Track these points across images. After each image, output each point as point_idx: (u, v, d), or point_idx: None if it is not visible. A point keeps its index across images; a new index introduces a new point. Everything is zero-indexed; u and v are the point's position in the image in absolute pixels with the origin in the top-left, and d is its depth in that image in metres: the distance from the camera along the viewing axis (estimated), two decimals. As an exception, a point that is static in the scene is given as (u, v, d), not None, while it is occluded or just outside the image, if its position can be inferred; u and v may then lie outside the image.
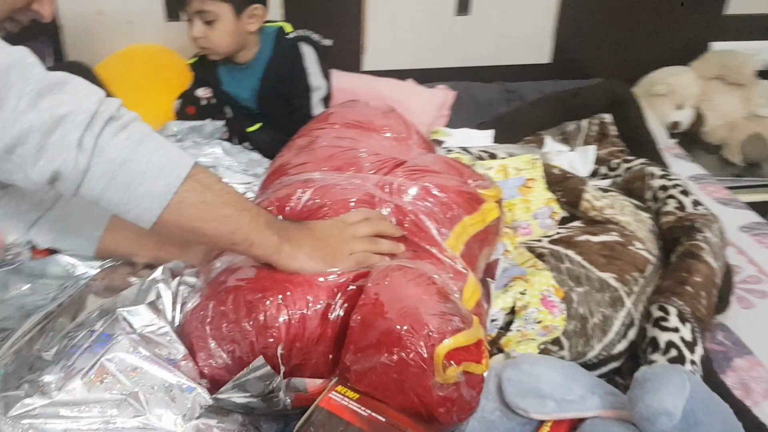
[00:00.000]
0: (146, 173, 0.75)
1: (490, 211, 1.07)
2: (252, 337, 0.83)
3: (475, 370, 0.80)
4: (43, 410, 0.75)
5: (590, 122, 1.86)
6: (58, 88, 0.73)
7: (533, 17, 2.17)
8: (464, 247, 0.99)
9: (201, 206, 0.80)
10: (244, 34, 1.59)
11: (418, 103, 1.91)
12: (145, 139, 0.77)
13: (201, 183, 0.80)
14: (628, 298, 1.15)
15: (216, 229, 0.82)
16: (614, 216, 1.33)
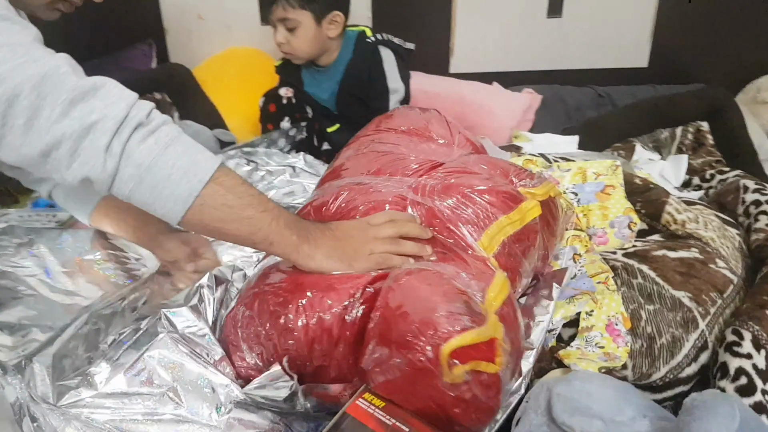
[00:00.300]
0: (171, 177, 0.79)
1: (529, 210, 1.03)
2: (275, 339, 0.86)
3: (486, 368, 0.78)
4: (90, 401, 0.81)
5: (685, 130, 1.77)
6: (90, 95, 0.77)
7: (630, 19, 2.09)
8: (500, 247, 0.97)
9: (222, 208, 0.83)
10: (324, 39, 1.64)
11: (502, 107, 1.89)
12: (172, 143, 0.80)
13: (224, 186, 0.83)
14: (702, 319, 1.09)
15: (237, 229, 0.86)
16: (697, 231, 1.26)
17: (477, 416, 0.80)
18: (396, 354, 0.78)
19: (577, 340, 1.08)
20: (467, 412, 0.79)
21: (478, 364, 0.77)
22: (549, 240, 1.09)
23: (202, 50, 2.11)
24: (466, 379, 0.77)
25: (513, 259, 1.00)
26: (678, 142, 1.77)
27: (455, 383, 0.77)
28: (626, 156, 1.72)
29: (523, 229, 1.01)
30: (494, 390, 0.80)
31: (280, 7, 1.57)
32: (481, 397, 0.78)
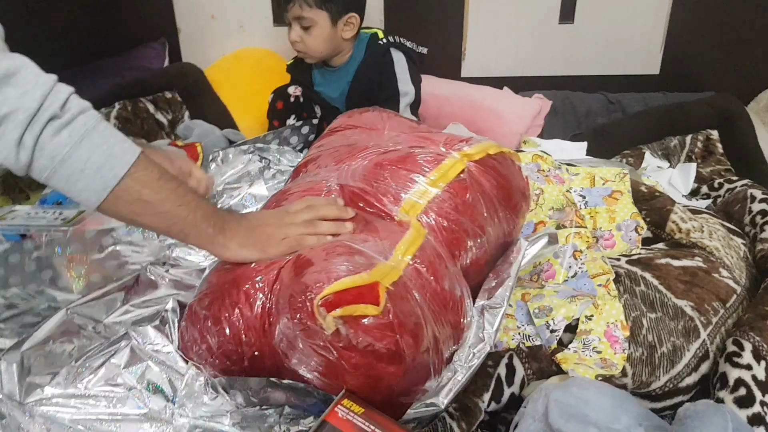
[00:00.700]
0: (84, 171, 0.80)
1: (450, 167, 1.03)
2: (208, 341, 0.90)
3: (364, 311, 0.79)
4: (56, 400, 0.84)
5: (695, 138, 1.77)
6: (3, 83, 0.76)
7: (642, 26, 2.08)
8: (426, 208, 0.99)
9: (137, 203, 0.84)
10: (338, 40, 1.64)
11: (512, 112, 1.89)
12: (88, 135, 0.80)
13: (139, 182, 0.83)
14: (704, 328, 1.09)
15: (152, 222, 0.88)
16: (701, 240, 1.25)
17: (391, 368, 0.81)
18: (289, 322, 0.82)
19: (575, 342, 1.08)
20: (375, 366, 0.80)
21: (353, 309, 0.78)
22: (505, 198, 1.08)
23: (214, 50, 2.12)
24: (344, 329, 0.78)
25: (446, 217, 1.00)
26: (687, 150, 1.76)
27: (337, 334, 0.78)
28: (635, 163, 1.72)
29: (451, 187, 1.02)
30: (387, 333, 0.80)
31: (297, 6, 1.57)
32: (375, 343, 0.79)
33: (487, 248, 1.05)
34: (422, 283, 0.90)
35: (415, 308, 0.86)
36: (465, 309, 0.96)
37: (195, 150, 1.63)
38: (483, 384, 1.01)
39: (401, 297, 0.85)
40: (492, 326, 0.94)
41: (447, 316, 0.91)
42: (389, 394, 0.85)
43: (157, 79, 1.91)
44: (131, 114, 1.79)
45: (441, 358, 0.90)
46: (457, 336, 0.94)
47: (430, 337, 0.87)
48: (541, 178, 1.35)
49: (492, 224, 1.06)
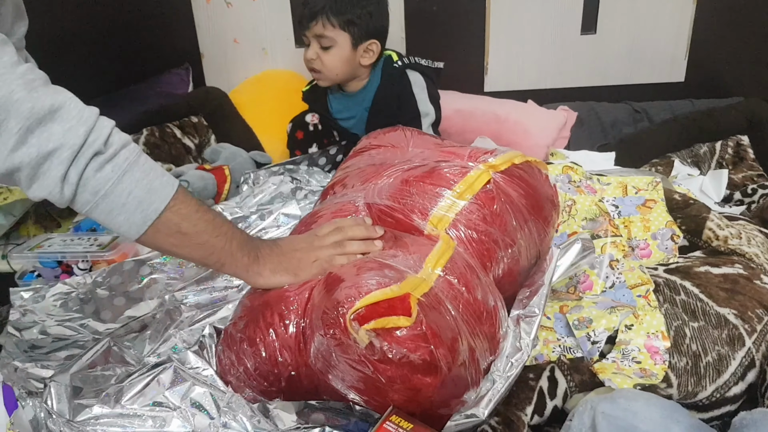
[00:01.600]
0: (126, 205, 0.82)
1: (476, 179, 1.03)
2: (246, 364, 0.91)
3: (396, 323, 0.78)
4: (104, 420, 0.85)
5: (725, 144, 1.75)
6: (48, 119, 0.77)
7: (665, 33, 2.07)
8: (454, 221, 0.99)
9: (176, 236, 0.87)
10: (356, 65, 1.63)
11: (537, 125, 1.88)
12: (130, 170, 0.81)
13: (178, 214, 0.85)
14: (749, 336, 1.06)
15: (190, 253, 0.91)
16: (740, 247, 1.23)
17: (427, 379, 0.80)
18: (323, 338, 0.82)
19: (614, 352, 1.07)
20: (411, 377, 0.80)
21: (385, 321, 0.78)
22: (533, 207, 1.08)
23: (237, 74, 2.14)
24: (377, 341, 0.78)
25: (474, 228, 1.00)
26: (718, 157, 1.74)
27: (371, 347, 0.78)
28: (664, 172, 1.70)
29: (478, 198, 1.02)
30: (421, 343, 0.79)
31: (320, 24, 1.56)
32: (410, 354, 0.79)
33: (519, 258, 1.05)
34: (454, 294, 0.90)
35: (448, 319, 0.86)
36: (500, 319, 0.95)
37: (223, 173, 1.64)
38: (525, 397, 1.00)
39: (433, 308, 0.85)
40: (529, 335, 0.94)
41: (482, 326, 0.91)
42: (428, 406, 0.85)
43: (183, 104, 1.93)
44: (159, 139, 1.81)
45: (478, 368, 0.89)
46: (494, 346, 0.93)
47: (465, 348, 0.86)
48: (572, 189, 1.33)
49: (522, 234, 1.05)
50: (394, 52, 1.70)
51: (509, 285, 1.04)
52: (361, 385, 0.84)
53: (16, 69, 0.78)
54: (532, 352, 1.07)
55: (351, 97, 1.72)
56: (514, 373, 0.90)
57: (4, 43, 0.78)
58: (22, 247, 1.37)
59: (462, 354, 0.85)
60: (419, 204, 1.02)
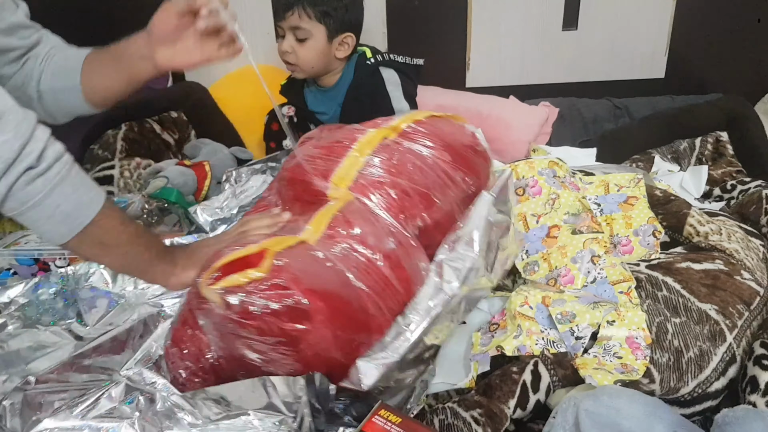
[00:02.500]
0: (52, 217, 0.84)
1: (373, 136, 1.09)
2: (185, 366, 0.93)
3: (247, 276, 0.81)
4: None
5: (704, 140, 1.76)
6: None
7: (646, 30, 2.08)
8: (356, 177, 1.03)
9: (98, 246, 0.91)
10: (331, 58, 1.63)
11: (519, 121, 1.88)
12: (61, 184, 0.83)
13: (102, 228, 0.89)
14: (730, 332, 1.07)
15: (111, 262, 0.97)
16: (720, 243, 1.24)
17: (300, 325, 0.81)
18: (199, 313, 0.87)
19: (595, 347, 1.07)
20: (283, 326, 0.81)
21: (235, 278, 0.81)
22: (452, 156, 1.09)
23: (217, 68, 2.11)
24: (234, 299, 0.80)
25: (373, 184, 1.03)
26: (697, 153, 1.75)
27: (230, 306, 0.81)
28: (645, 167, 1.71)
29: (376, 153, 1.06)
30: (279, 291, 0.81)
31: (296, 15, 1.55)
32: (270, 303, 0.80)
33: (442, 207, 1.06)
34: (340, 244, 0.93)
35: (323, 267, 0.87)
36: (409, 264, 0.96)
37: (203, 169, 1.62)
38: (508, 390, 1.00)
39: (301, 258, 0.87)
40: (451, 280, 0.95)
41: (376, 271, 0.92)
42: (331, 357, 0.85)
43: (162, 99, 1.90)
44: (138, 135, 1.78)
45: (381, 311, 0.90)
46: (405, 289, 0.94)
47: (352, 293, 0.88)
48: (557, 183, 1.34)
49: (440, 183, 1.06)
50: (368, 48, 1.69)
51: (440, 234, 1.04)
52: (250, 351, 0.85)
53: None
54: (514, 341, 1.07)
55: (325, 92, 1.72)
56: (435, 312, 0.91)
57: None
58: (-2, 245, 1.35)
59: (346, 298, 0.87)
60: (322, 167, 1.06)
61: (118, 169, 1.69)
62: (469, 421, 0.94)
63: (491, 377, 1.04)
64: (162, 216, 1.46)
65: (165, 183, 1.50)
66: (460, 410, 0.97)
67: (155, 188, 1.49)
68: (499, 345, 1.08)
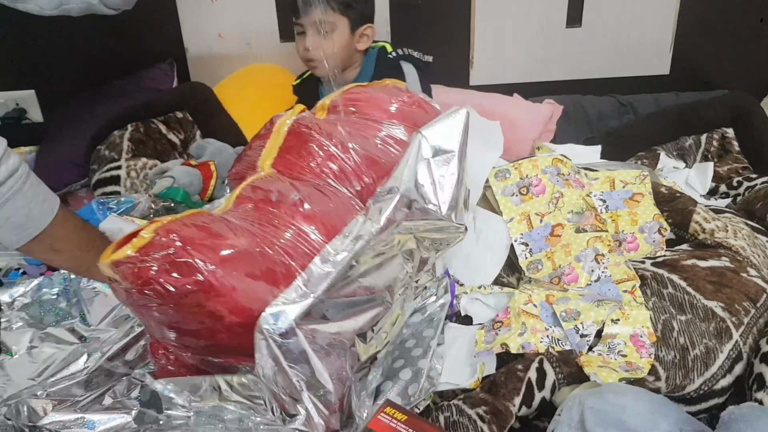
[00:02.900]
0: (2, 227, 0.89)
1: (282, 123, 1.10)
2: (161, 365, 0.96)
3: (123, 252, 0.81)
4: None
5: (710, 137, 1.75)
6: None
7: (650, 26, 2.07)
8: (275, 159, 1.06)
9: (49, 252, 0.96)
10: (352, 50, 1.63)
11: (523, 118, 1.87)
12: (13, 198, 0.87)
13: (53, 237, 0.94)
14: (736, 329, 1.07)
15: (61, 264, 1.03)
16: (726, 240, 1.24)
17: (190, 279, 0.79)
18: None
19: (600, 345, 1.07)
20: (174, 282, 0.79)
21: (123, 250, 0.81)
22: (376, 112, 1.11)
23: (222, 68, 2.12)
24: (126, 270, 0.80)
25: (294, 157, 1.04)
26: (703, 150, 1.75)
27: (123, 274, 0.80)
28: (650, 165, 1.71)
29: (291, 133, 1.08)
30: (163, 248, 0.80)
31: (319, 10, 1.54)
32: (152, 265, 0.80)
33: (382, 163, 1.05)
34: (242, 210, 0.93)
35: (216, 226, 0.86)
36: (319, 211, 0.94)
37: (209, 169, 1.63)
38: (513, 388, 1.00)
39: (189, 222, 0.86)
40: (381, 214, 0.91)
41: (281, 222, 0.91)
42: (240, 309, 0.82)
43: (168, 99, 1.91)
44: (144, 135, 1.79)
45: (288, 257, 0.88)
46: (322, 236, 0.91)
47: (248, 243, 0.86)
48: (561, 181, 1.34)
49: (371, 142, 1.06)
50: (387, 44, 1.69)
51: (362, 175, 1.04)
52: (166, 323, 0.84)
53: None
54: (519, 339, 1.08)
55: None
56: (357, 246, 0.87)
57: None
58: (6, 246, 1.35)
59: (240, 247, 0.85)
60: (251, 157, 1.10)
61: (125, 169, 1.70)
62: (474, 418, 0.95)
63: (496, 375, 1.04)
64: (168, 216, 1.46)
65: (171, 183, 1.51)
66: (465, 407, 0.97)
67: (161, 188, 1.50)
68: (503, 342, 1.08)
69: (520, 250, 1.28)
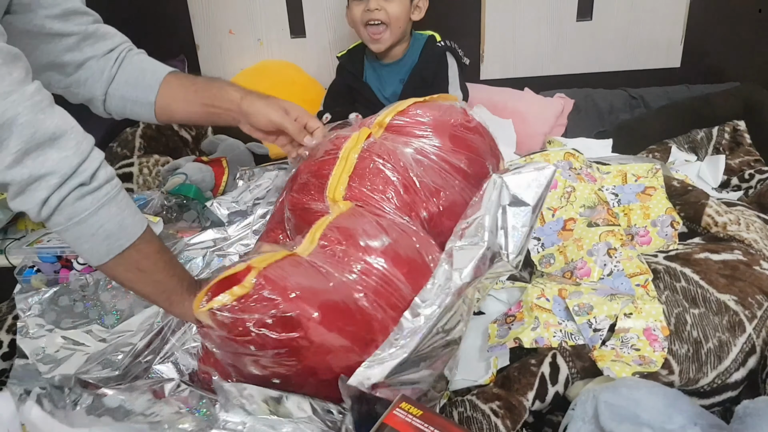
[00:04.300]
0: (94, 236, 0.86)
1: (351, 148, 1.07)
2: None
3: (233, 294, 0.81)
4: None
5: (721, 129, 1.74)
6: (46, 145, 0.81)
7: (661, 19, 2.06)
8: (347, 189, 1.03)
9: (134, 271, 0.92)
10: (408, 20, 1.65)
11: (534, 113, 1.87)
12: (107, 204, 0.86)
13: (141, 253, 0.90)
14: (749, 322, 1.07)
15: (143, 289, 0.96)
16: (739, 233, 1.24)
17: (296, 333, 0.80)
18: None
19: (613, 340, 1.08)
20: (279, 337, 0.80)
21: (220, 298, 0.81)
22: (447, 139, 1.08)
23: (233, 64, 2.13)
24: (226, 318, 0.80)
25: (368, 187, 1.02)
26: (714, 142, 1.74)
27: (225, 326, 0.80)
28: (662, 158, 1.70)
29: (361, 160, 1.05)
30: (264, 303, 0.80)
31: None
32: (261, 317, 0.80)
33: (447, 192, 1.04)
34: (329, 251, 0.91)
35: (311, 276, 0.86)
36: (406, 256, 0.94)
37: (221, 165, 1.64)
38: (527, 382, 1.01)
39: (288, 269, 0.86)
40: (467, 265, 0.90)
41: (371, 270, 0.90)
42: (331, 360, 0.84)
43: (179, 96, 1.91)
44: (156, 132, 1.80)
45: (382, 308, 0.88)
46: (404, 283, 0.91)
47: (343, 294, 0.86)
48: (572, 176, 1.34)
49: (434, 169, 1.05)
50: (437, 33, 1.72)
51: (449, 221, 1.02)
52: (257, 367, 0.85)
53: (24, 88, 0.80)
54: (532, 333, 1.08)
55: (388, 67, 1.73)
56: (448, 301, 0.87)
57: (15, 59, 0.80)
58: (21, 242, 1.37)
59: (340, 300, 0.85)
60: (315, 185, 1.06)
61: (137, 166, 1.71)
62: (488, 413, 0.95)
63: (509, 369, 1.04)
64: (181, 212, 1.47)
65: (183, 180, 1.52)
66: (478, 403, 0.98)
67: (174, 185, 1.51)
68: (516, 337, 1.09)
69: (532, 244, 1.29)
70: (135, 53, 1.16)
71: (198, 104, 1.15)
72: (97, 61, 1.10)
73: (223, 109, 1.15)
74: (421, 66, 1.67)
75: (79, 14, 1.07)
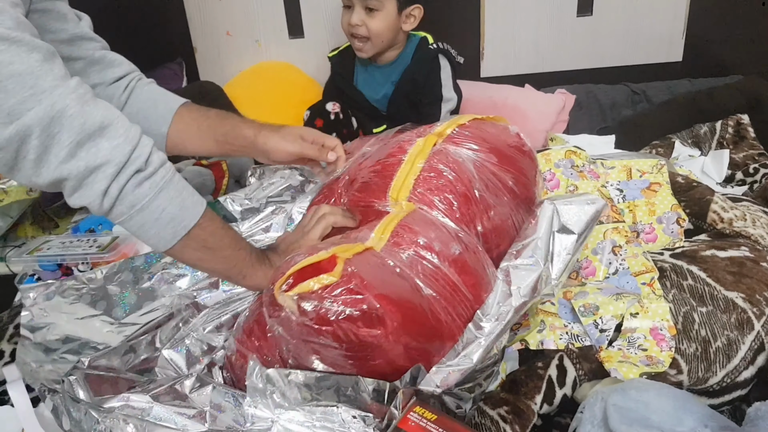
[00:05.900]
0: (158, 220, 0.87)
1: (419, 151, 1.09)
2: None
3: (321, 282, 0.81)
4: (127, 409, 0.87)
5: (725, 124, 1.73)
6: (97, 135, 0.81)
7: (662, 12, 2.04)
8: (412, 189, 1.04)
9: (202, 249, 0.93)
10: (398, 31, 1.62)
11: (535, 109, 1.86)
12: (166, 187, 0.87)
13: (206, 231, 0.91)
14: (757, 320, 1.06)
15: (214, 267, 0.97)
16: (745, 229, 1.23)
17: (376, 330, 0.81)
18: (272, 321, 0.86)
19: (620, 340, 1.07)
20: (358, 332, 0.80)
21: (308, 284, 0.81)
22: (497, 158, 1.10)
23: (231, 67, 2.12)
24: (308, 305, 0.80)
25: (432, 191, 1.04)
26: (718, 137, 1.73)
27: (306, 313, 0.80)
28: (665, 153, 1.69)
29: (427, 166, 1.07)
30: (353, 296, 0.80)
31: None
32: (345, 309, 0.80)
33: (499, 210, 1.06)
34: (404, 252, 0.92)
35: (392, 274, 0.87)
36: (473, 267, 0.96)
37: (221, 168, 1.63)
38: (534, 386, 0.99)
39: (370, 264, 0.87)
40: (524, 281, 0.94)
41: (443, 277, 0.92)
42: (403, 364, 0.85)
43: (178, 99, 1.90)
44: (155, 136, 1.79)
45: (450, 317, 0.90)
46: (474, 295, 0.93)
47: (422, 299, 0.87)
48: (575, 174, 1.32)
49: (490, 187, 1.06)
50: (429, 35, 1.69)
51: (498, 237, 1.05)
52: (320, 359, 0.85)
53: (68, 82, 0.80)
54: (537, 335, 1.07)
55: (379, 69, 1.71)
56: (509, 318, 0.90)
57: (54, 55, 0.81)
58: (22, 251, 1.36)
59: (417, 304, 0.86)
60: (378, 185, 1.08)
61: (137, 170, 1.70)
62: (496, 419, 0.94)
63: (516, 373, 1.03)
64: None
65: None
66: (486, 408, 0.96)
67: (174, 189, 1.50)
68: (522, 339, 1.08)
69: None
70: (145, 83, 1.16)
71: (212, 139, 1.17)
72: (104, 88, 1.10)
73: (238, 146, 1.17)
74: (413, 68, 1.65)
75: (87, 40, 1.08)
